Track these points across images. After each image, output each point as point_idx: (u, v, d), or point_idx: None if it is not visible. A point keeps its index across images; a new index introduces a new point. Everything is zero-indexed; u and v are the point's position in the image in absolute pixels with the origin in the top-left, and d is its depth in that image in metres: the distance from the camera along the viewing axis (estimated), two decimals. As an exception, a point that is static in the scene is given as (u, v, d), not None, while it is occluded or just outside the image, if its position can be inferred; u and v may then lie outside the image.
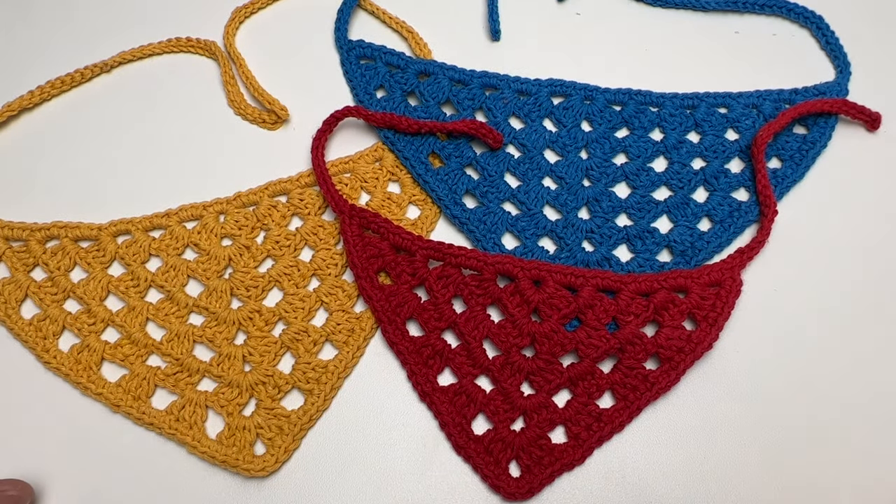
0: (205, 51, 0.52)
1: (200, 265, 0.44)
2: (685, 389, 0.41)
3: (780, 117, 0.46)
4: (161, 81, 0.52)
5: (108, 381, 0.40)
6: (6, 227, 0.44)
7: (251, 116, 0.50)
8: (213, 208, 0.45)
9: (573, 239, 0.45)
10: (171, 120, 0.50)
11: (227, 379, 0.41)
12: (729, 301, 0.41)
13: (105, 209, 0.46)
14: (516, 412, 0.39)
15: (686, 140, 0.48)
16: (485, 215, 0.45)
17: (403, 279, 0.42)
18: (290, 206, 0.45)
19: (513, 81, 0.50)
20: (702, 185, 0.47)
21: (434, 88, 0.49)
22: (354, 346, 0.42)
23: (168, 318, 0.42)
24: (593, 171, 0.47)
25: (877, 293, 0.43)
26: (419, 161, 0.47)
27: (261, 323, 0.42)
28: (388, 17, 0.54)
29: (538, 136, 0.48)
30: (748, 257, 0.43)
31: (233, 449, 0.39)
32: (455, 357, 0.41)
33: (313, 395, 0.40)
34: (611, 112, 0.49)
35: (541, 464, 0.38)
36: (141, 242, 0.44)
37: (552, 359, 0.40)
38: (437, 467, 0.39)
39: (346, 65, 0.51)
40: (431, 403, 0.40)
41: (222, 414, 0.40)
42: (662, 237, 0.45)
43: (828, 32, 0.52)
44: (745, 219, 0.45)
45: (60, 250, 0.44)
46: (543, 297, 0.41)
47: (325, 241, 0.44)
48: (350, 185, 0.46)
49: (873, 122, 0.48)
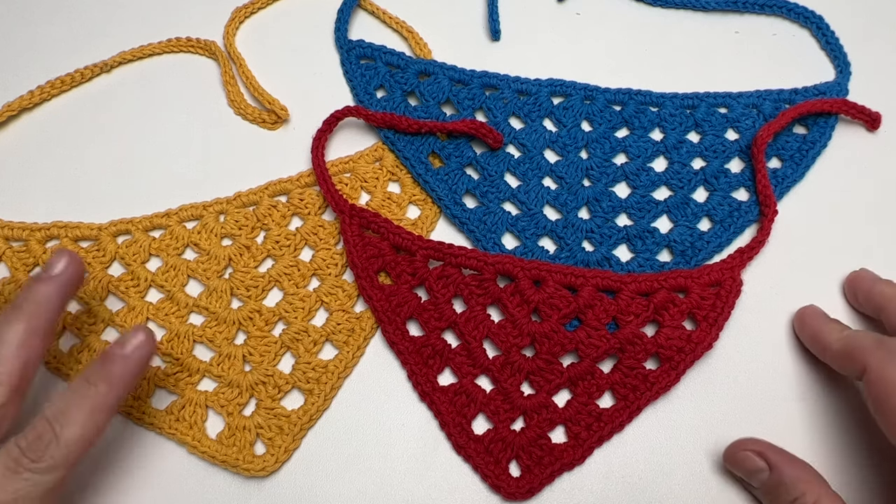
0: (205, 51, 0.52)
1: (200, 265, 0.44)
2: (685, 389, 0.41)
3: (780, 117, 0.46)
4: (161, 81, 0.52)
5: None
6: (6, 227, 0.44)
7: (251, 116, 0.50)
8: (213, 208, 0.45)
9: (573, 239, 0.45)
10: (171, 120, 0.50)
11: (227, 379, 0.41)
12: (729, 301, 0.41)
13: (105, 209, 0.46)
14: (516, 412, 0.40)
15: (686, 140, 0.48)
16: (485, 215, 0.45)
17: (403, 279, 0.42)
18: (290, 206, 0.45)
19: (513, 81, 0.50)
20: (702, 185, 0.47)
21: (434, 88, 0.49)
22: (355, 346, 0.42)
23: (168, 317, 0.42)
24: (593, 171, 0.47)
25: (877, 293, 0.43)
26: (419, 161, 0.47)
27: (261, 323, 0.42)
28: (388, 17, 0.54)
29: (538, 136, 0.48)
30: (748, 257, 0.43)
31: (233, 449, 0.39)
32: (455, 357, 0.41)
33: (313, 395, 0.40)
34: (611, 112, 0.49)
35: (541, 464, 0.38)
36: (141, 242, 0.44)
37: (552, 359, 0.40)
38: (437, 467, 0.39)
39: (346, 65, 0.51)
40: (431, 403, 0.40)
41: (222, 414, 0.40)
42: (662, 237, 0.45)
43: (828, 32, 0.52)
44: (745, 219, 0.45)
45: (60, 250, 0.44)
46: (543, 296, 0.41)
47: (326, 241, 0.44)
48: (350, 184, 0.46)
49: (873, 122, 0.48)
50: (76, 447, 0.32)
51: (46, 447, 0.32)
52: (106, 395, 0.33)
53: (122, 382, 0.34)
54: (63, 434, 0.32)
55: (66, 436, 0.32)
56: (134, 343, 0.35)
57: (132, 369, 0.35)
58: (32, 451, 0.31)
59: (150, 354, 0.35)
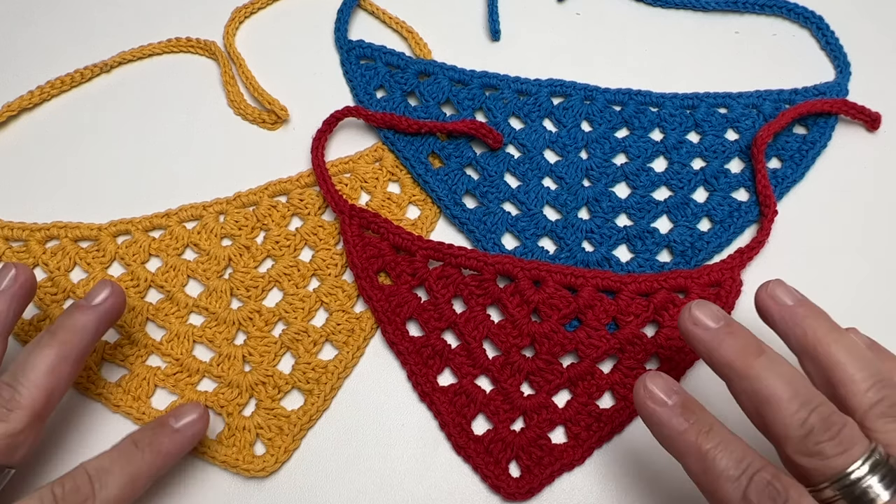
0: (205, 51, 0.52)
1: (200, 265, 0.44)
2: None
3: (781, 117, 0.46)
4: (161, 81, 0.52)
5: (108, 382, 0.41)
6: (6, 228, 0.44)
7: (251, 116, 0.50)
8: (213, 208, 0.45)
9: (573, 239, 0.45)
10: (170, 120, 0.50)
11: (227, 379, 0.41)
12: (729, 301, 0.41)
13: (105, 209, 0.46)
14: (516, 412, 0.40)
15: (686, 140, 0.48)
16: (485, 215, 0.45)
17: (403, 279, 0.42)
18: (289, 207, 0.45)
19: (513, 81, 0.50)
20: (702, 186, 0.47)
21: (434, 88, 0.49)
22: (354, 347, 0.42)
23: (168, 318, 0.42)
24: (593, 172, 0.47)
25: (877, 293, 0.43)
26: (419, 161, 0.47)
27: (261, 323, 0.42)
28: (388, 17, 0.54)
29: (538, 136, 0.48)
30: (748, 257, 0.43)
31: (233, 449, 0.39)
32: (455, 357, 0.41)
33: (313, 396, 0.40)
34: (611, 112, 0.49)
35: (541, 464, 0.38)
36: (141, 242, 0.44)
37: (552, 359, 0.40)
38: (437, 467, 0.39)
39: (346, 65, 0.51)
40: (431, 403, 0.40)
41: (222, 414, 0.40)
42: (662, 237, 0.45)
43: (828, 32, 0.52)
44: (745, 219, 0.45)
45: (60, 250, 0.44)
46: (543, 297, 0.41)
47: (325, 242, 0.44)
48: (350, 185, 0.46)
49: (873, 123, 0.48)
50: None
51: (83, 502, 0.31)
52: (151, 463, 0.33)
53: (170, 455, 0.34)
54: (100, 494, 0.31)
55: (103, 496, 0.32)
56: (187, 419, 0.35)
57: (181, 444, 0.35)
58: (67, 501, 0.31)
59: (201, 432, 0.36)
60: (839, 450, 0.28)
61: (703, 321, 0.33)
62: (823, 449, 0.28)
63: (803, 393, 0.30)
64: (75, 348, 0.35)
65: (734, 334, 0.32)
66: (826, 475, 0.28)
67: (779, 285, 0.35)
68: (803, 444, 0.28)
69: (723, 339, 0.32)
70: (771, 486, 0.27)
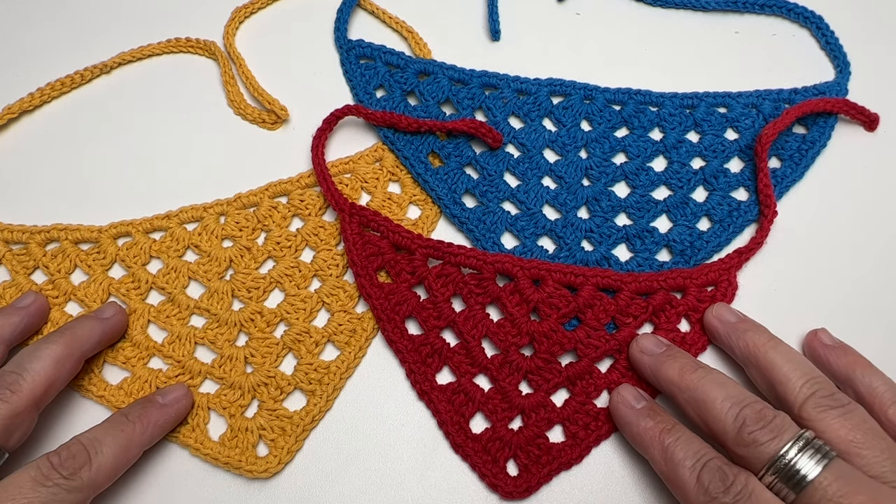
0: (205, 51, 0.52)
1: (201, 267, 0.44)
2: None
3: (784, 116, 0.46)
4: (161, 81, 0.52)
5: (110, 384, 0.41)
6: (6, 230, 0.44)
7: (251, 116, 0.50)
8: (214, 210, 0.45)
9: (572, 238, 0.45)
10: (171, 120, 0.50)
11: (229, 381, 0.41)
12: (725, 301, 0.42)
13: (105, 211, 0.46)
14: (514, 411, 0.40)
15: (686, 139, 0.48)
16: (484, 215, 0.45)
17: (403, 278, 0.42)
18: (290, 207, 0.45)
19: (512, 81, 0.50)
20: (701, 185, 0.47)
21: (434, 88, 0.49)
22: (356, 347, 0.42)
23: (169, 320, 0.42)
24: (593, 171, 0.47)
25: (877, 293, 0.43)
26: (419, 160, 0.47)
27: (262, 324, 0.42)
28: (388, 17, 0.54)
29: (538, 135, 0.48)
30: (746, 258, 0.43)
31: (235, 451, 0.39)
32: (454, 356, 0.41)
33: (315, 396, 0.40)
34: (610, 112, 0.49)
35: (539, 463, 0.38)
36: (141, 244, 0.44)
37: (551, 358, 0.40)
38: (437, 467, 0.39)
39: (346, 64, 0.51)
40: (430, 402, 0.40)
41: (224, 416, 0.40)
42: (662, 236, 0.45)
43: (827, 32, 0.52)
44: (744, 218, 0.45)
45: (61, 253, 0.44)
46: (543, 296, 0.41)
47: (326, 242, 0.45)
48: (350, 185, 0.46)
49: (871, 123, 0.48)
50: (104, 475, 0.34)
51: (80, 467, 0.33)
52: (142, 433, 0.36)
53: (157, 427, 0.37)
54: (96, 459, 0.34)
55: (98, 461, 0.34)
56: (173, 396, 0.39)
57: (168, 417, 0.38)
58: (65, 467, 0.33)
59: (186, 409, 0.39)
60: (771, 436, 0.32)
61: (649, 348, 0.39)
62: (757, 437, 0.32)
63: (735, 393, 0.34)
64: (80, 348, 0.38)
65: (674, 357, 0.38)
66: (763, 460, 0.32)
67: (722, 307, 0.41)
68: (739, 436, 0.33)
69: (664, 361, 0.38)
70: (721, 471, 0.32)
